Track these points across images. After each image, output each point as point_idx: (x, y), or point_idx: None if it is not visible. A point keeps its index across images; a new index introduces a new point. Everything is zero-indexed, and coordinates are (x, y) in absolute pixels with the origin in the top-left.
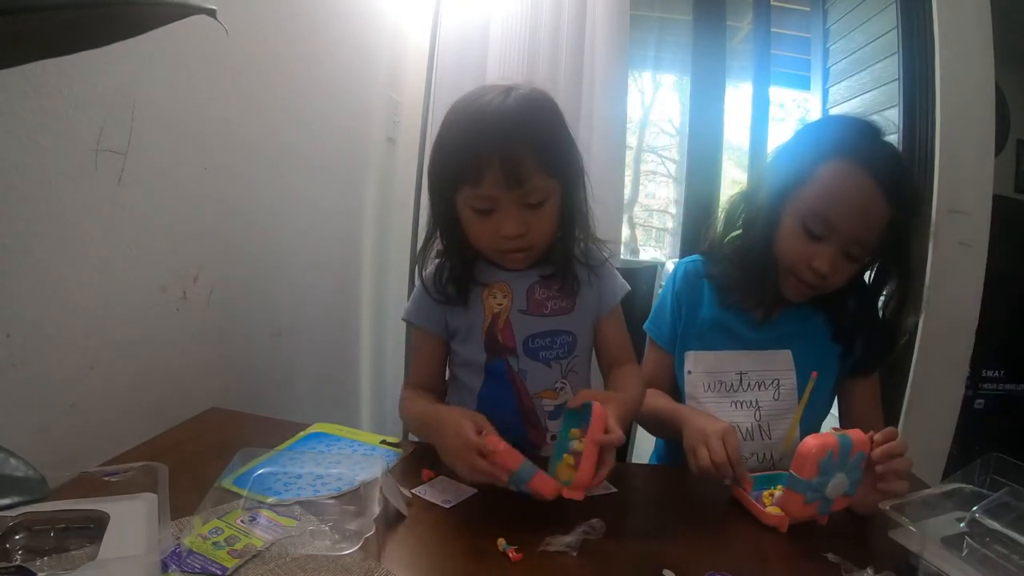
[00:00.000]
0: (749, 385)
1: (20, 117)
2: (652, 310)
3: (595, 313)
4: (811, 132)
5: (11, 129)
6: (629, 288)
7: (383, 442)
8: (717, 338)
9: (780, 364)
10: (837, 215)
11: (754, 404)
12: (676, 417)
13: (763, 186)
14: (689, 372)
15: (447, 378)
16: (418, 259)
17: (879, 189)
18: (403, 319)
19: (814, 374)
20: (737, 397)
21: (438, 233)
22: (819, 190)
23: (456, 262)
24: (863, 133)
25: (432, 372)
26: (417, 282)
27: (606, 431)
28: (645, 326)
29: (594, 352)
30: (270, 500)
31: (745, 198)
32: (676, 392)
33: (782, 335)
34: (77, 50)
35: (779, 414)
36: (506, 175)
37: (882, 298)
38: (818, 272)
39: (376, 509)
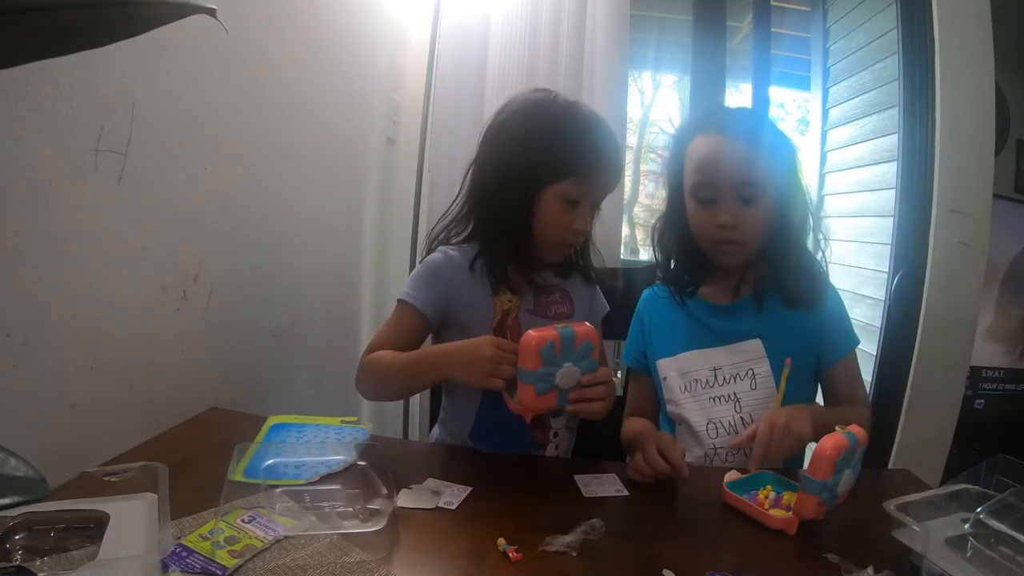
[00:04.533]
0: (725, 379)
1: (20, 117)
2: (627, 340)
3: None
4: (675, 133)
5: (11, 129)
6: (608, 308)
7: (343, 422)
8: (687, 336)
9: (751, 354)
10: (711, 173)
11: (732, 397)
12: (637, 441)
13: (668, 200)
14: (664, 379)
15: (443, 390)
16: (438, 237)
17: (734, 138)
18: (403, 299)
19: (788, 360)
20: (714, 392)
21: (488, 222)
22: (690, 165)
23: (504, 250)
24: (711, 111)
25: (402, 342)
26: (426, 262)
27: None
28: (621, 359)
29: None
30: (300, 482)
31: (662, 218)
32: (661, 413)
33: (748, 327)
34: (77, 50)
35: (760, 403)
36: (610, 179)
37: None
38: (724, 225)
39: (389, 489)
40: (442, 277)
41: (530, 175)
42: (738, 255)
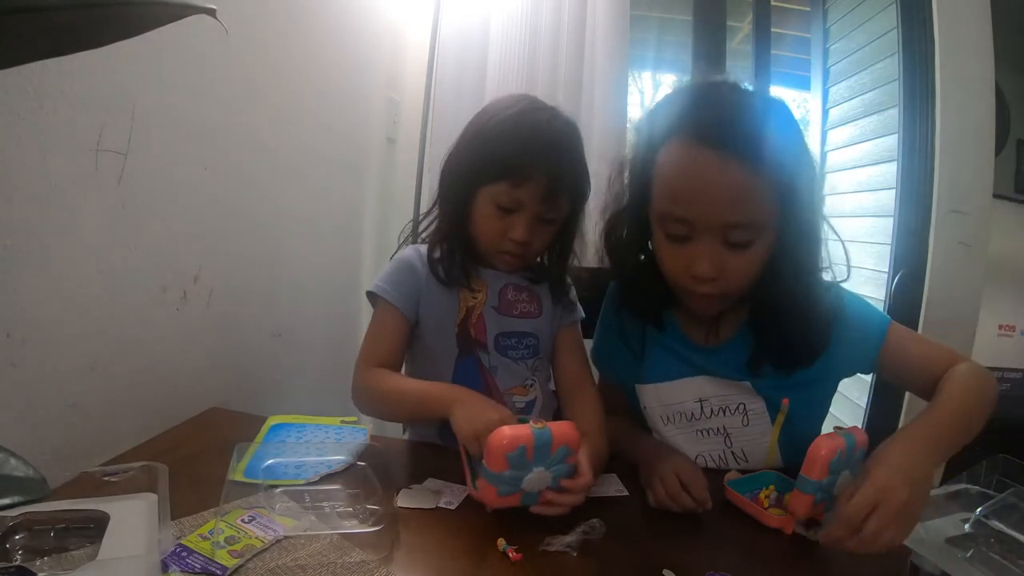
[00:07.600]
0: (712, 411)
1: (20, 117)
2: (596, 334)
3: (557, 324)
4: (642, 123)
5: (11, 129)
6: (584, 315)
7: (343, 422)
8: (666, 362)
9: (741, 389)
10: (686, 209)
11: (722, 431)
12: (633, 454)
13: (623, 204)
14: (644, 408)
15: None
16: (409, 236)
17: (728, 157)
18: (375, 293)
19: (785, 401)
20: (701, 425)
21: (440, 217)
22: (660, 187)
23: (458, 247)
24: (696, 101)
25: (395, 351)
26: (398, 258)
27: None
28: (591, 350)
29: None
30: (300, 482)
31: (617, 220)
32: (630, 412)
33: (735, 370)
34: (77, 50)
35: (752, 439)
36: (546, 189)
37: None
38: (701, 277)
39: (389, 489)
40: (412, 272)
41: (468, 175)
42: (715, 306)
